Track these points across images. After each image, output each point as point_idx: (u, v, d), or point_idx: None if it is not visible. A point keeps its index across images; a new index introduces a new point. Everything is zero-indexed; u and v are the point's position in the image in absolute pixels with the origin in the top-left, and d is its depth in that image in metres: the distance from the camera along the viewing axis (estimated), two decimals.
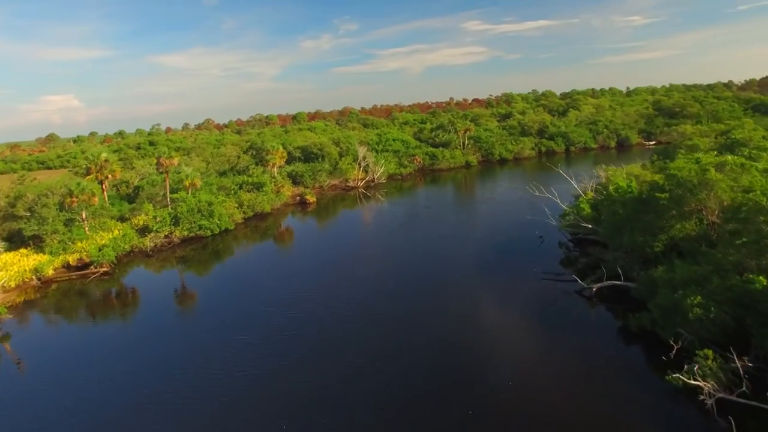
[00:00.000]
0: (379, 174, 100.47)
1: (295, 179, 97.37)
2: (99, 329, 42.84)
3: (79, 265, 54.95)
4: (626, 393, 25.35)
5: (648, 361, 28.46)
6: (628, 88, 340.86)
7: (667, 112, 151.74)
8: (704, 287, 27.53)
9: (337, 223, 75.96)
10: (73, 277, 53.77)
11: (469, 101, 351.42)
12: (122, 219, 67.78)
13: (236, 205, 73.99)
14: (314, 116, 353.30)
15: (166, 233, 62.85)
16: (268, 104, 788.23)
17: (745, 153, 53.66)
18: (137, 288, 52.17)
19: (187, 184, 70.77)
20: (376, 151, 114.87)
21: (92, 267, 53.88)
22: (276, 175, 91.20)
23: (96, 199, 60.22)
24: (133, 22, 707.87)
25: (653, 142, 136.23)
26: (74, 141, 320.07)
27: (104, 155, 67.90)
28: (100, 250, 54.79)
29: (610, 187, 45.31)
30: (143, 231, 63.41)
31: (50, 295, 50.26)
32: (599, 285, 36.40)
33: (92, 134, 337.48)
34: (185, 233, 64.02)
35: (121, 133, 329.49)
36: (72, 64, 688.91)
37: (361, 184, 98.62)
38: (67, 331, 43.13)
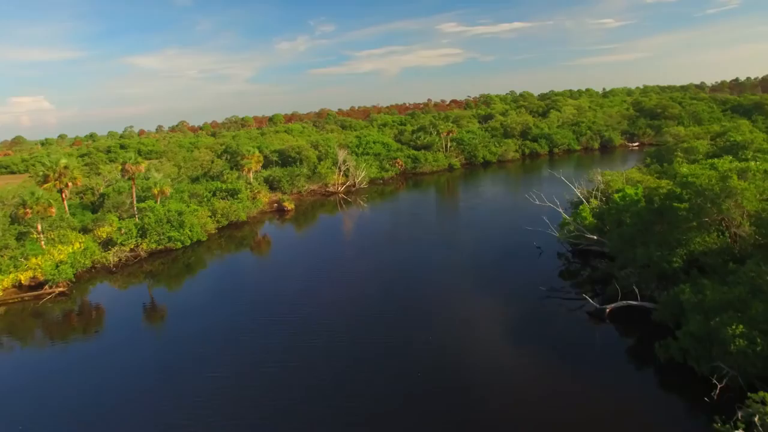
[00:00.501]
0: (360, 178, 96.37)
1: (272, 185, 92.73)
2: (54, 354, 38.06)
3: (33, 284, 49.58)
4: None
5: (687, 402, 24.74)
6: (604, 89, 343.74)
7: (648, 113, 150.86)
8: (744, 313, 24.16)
9: (317, 233, 71.61)
10: (26, 298, 48.39)
11: (447, 102, 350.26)
12: (85, 230, 62.45)
13: (209, 213, 69.15)
14: (291, 118, 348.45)
15: (132, 246, 57.76)
16: (243, 106, 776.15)
17: (749, 156, 51.13)
18: (99, 308, 47.35)
19: (155, 191, 65.69)
20: (357, 154, 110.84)
21: (46, 287, 48.57)
22: (252, 180, 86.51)
23: (53, 209, 54.99)
24: (105, 22, 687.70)
25: (636, 144, 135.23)
26: (42, 144, 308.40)
27: (63, 161, 62.45)
28: (56, 267, 49.55)
29: (615, 195, 42.07)
30: (107, 244, 58.26)
31: None
32: (613, 306, 32.89)
33: (61, 137, 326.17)
34: (153, 246, 58.95)
35: (92, 136, 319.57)
36: (42, 65, 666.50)
37: (341, 189, 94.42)
38: (19, 357, 38.35)
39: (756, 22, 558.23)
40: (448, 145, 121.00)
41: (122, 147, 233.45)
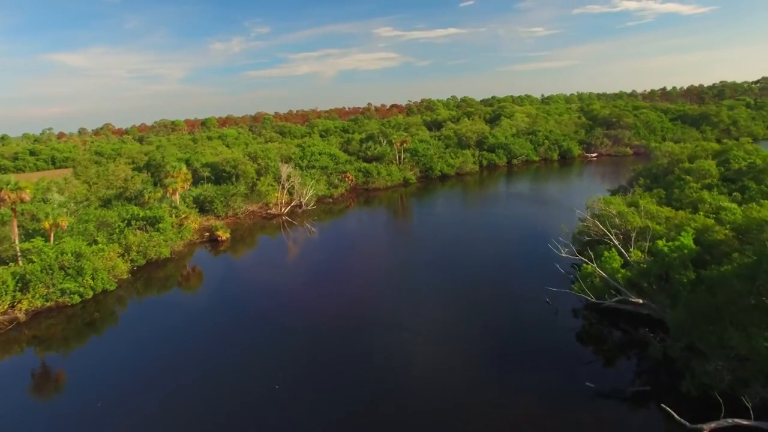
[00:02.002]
0: (307, 198, 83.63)
1: (202, 206, 78.67)
2: None
3: None
4: None
5: None
6: (543, 95, 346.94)
7: (602, 122, 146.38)
8: None
9: (258, 272, 57.89)
10: None
11: (388, 107, 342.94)
12: None
13: (121, 250, 54.90)
14: (225, 122, 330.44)
15: (6, 307, 42.83)
16: (175, 108, 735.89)
17: None
18: None
19: (47, 225, 50.77)
20: (301, 168, 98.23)
21: None
22: (178, 203, 72.10)
23: None
24: (22, 15, 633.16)
25: (595, 155, 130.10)
26: None
27: None
28: None
29: (660, 243, 32.29)
30: None
31: None
32: (714, 426, 22.64)
33: None
34: (38, 303, 44.11)
35: (2, 138, 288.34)
36: None
37: (285, 210, 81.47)
38: None
39: (668, 36, 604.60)
40: (402, 156, 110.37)
41: (32, 153, 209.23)
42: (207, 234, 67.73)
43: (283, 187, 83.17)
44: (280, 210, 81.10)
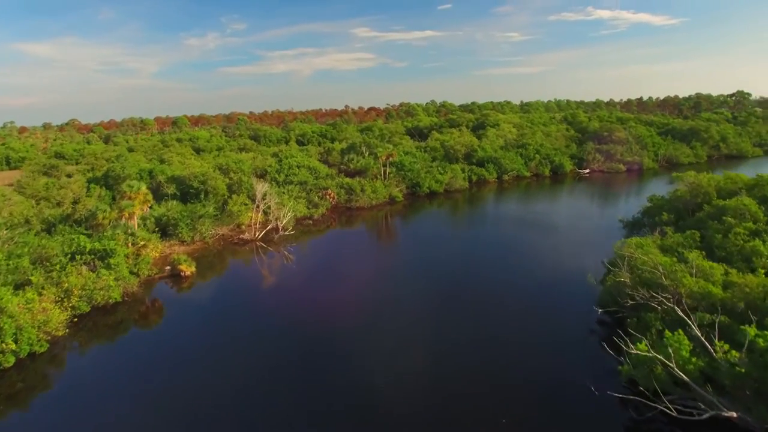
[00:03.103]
0: (285, 221, 74.54)
1: (165, 229, 69.23)
2: None
3: None
4: None
5: None
6: (521, 101, 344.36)
7: (593, 135, 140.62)
8: None
9: (227, 314, 48.40)
10: None
11: (366, 109, 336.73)
12: None
13: (60, 295, 45.48)
14: (198, 121, 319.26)
15: None
16: (147, 103, 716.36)
17: None
18: None
19: None
20: (278, 183, 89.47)
21: None
22: (136, 228, 62.46)
23: None
24: None
25: (587, 171, 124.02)
26: None
27: None
28: None
29: (751, 332, 24.85)
30: None
31: None
32: None
33: None
34: None
35: None
36: None
37: (259, 235, 72.43)
38: None
39: (640, 45, 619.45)
40: (388, 170, 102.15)
41: None
42: (168, 268, 58.12)
43: (258, 208, 74.19)
44: (254, 234, 72.05)
